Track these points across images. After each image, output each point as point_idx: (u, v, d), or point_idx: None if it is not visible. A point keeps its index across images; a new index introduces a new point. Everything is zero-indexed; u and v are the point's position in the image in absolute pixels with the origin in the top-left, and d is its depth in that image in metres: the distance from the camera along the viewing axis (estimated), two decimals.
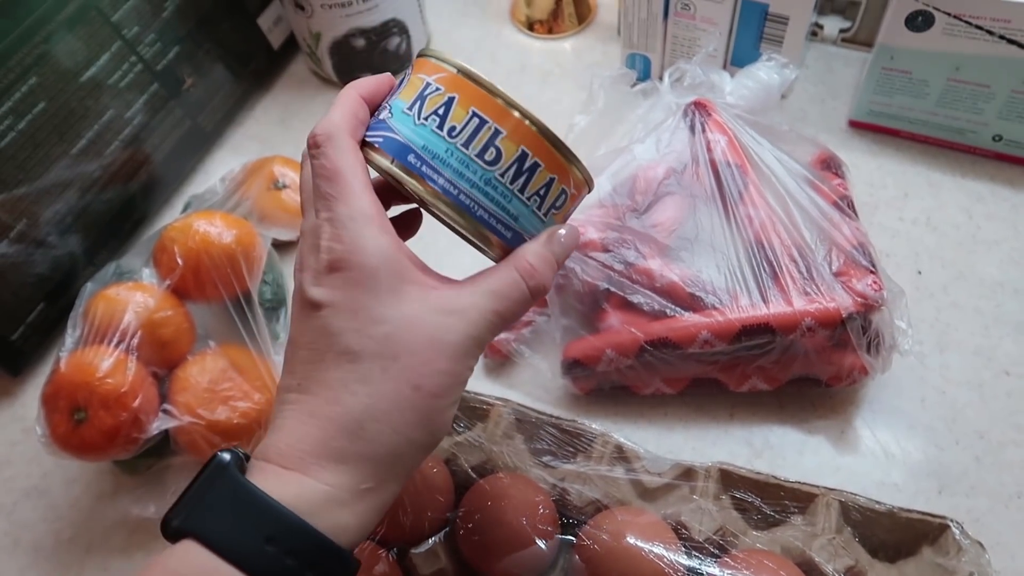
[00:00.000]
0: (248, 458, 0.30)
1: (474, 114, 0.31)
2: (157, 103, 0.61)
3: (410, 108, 0.32)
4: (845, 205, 0.51)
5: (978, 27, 0.52)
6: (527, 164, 0.31)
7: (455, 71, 0.31)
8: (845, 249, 0.48)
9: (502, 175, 0.31)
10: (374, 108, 0.34)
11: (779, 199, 0.50)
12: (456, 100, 0.31)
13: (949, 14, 0.52)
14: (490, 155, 0.31)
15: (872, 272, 0.47)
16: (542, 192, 0.32)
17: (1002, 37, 0.51)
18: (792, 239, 0.48)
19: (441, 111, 0.31)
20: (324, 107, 0.70)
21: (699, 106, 0.53)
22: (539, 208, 0.32)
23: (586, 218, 0.51)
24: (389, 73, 0.35)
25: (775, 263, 0.47)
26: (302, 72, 0.72)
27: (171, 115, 0.62)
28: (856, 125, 0.62)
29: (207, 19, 0.64)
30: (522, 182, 0.31)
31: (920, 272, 0.54)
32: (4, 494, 0.51)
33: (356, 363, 0.29)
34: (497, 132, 0.31)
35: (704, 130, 0.52)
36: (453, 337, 0.30)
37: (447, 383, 0.30)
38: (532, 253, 0.32)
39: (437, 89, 0.31)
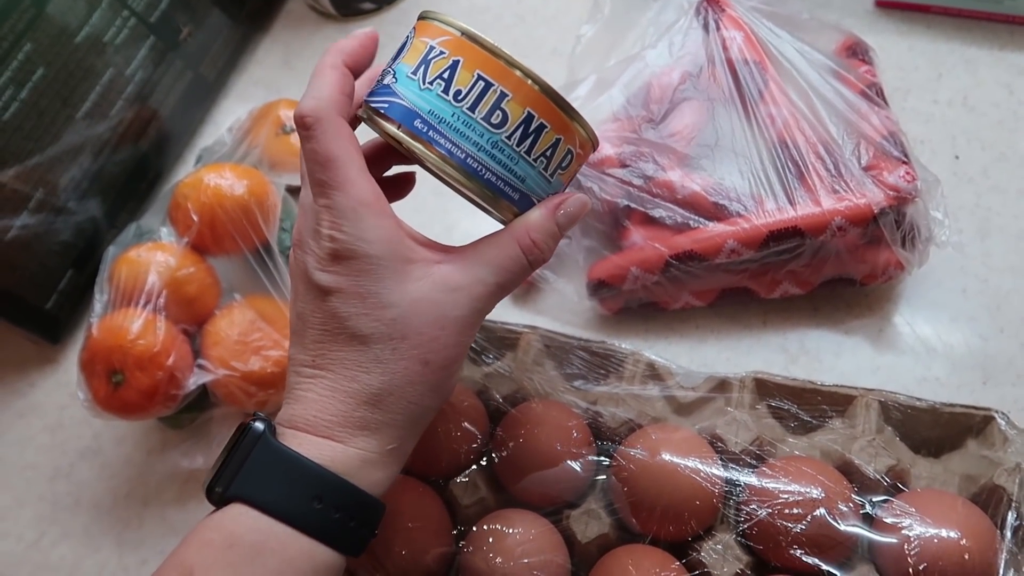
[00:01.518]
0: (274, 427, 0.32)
1: (479, 77, 0.31)
2: (156, 57, 0.60)
3: (414, 72, 0.31)
4: (874, 93, 0.48)
5: None
6: (533, 126, 0.31)
7: (459, 34, 0.31)
8: (875, 140, 0.45)
9: (508, 137, 0.31)
10: (358, 74, 0.33)
11: (802, 94, 0.47)
12: (461, 63, 0.31)
13: None
14: (496, 118, 0.31)
15: (904, 163, 0.44)
16: (548, 153, 0.32)
17: None
18: (818, 135, 0.46)
19: (446, 75, 0.31)
20: (326, 43, 0.67)
21: (712, 2, 0.51)
22: (546, 169, 0.32)
23: (601, 133, 0.49)
24: (372, 29, 0.34)
25: (801, 162, 0.45)
26: (300, 8, 0.70)
27: (172, 67, 0.61)
28: (883, 4, 0.58)
29: None
30: (529, 144, 0.31)
31: (957, 157, 0.52)
32: (60, 456, 0.53)
33: (367, 345, 0.31)
34: (503, 95, 0.31)
35: (719, 27, 0.50)
36: (458, 312, 0.31)
37: (453, 355, 0.32)
38: (535, 228, 0.32)
39: (441, 53, 0.31)
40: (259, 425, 0.31)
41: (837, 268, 0.46)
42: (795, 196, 0.45)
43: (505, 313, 0.52)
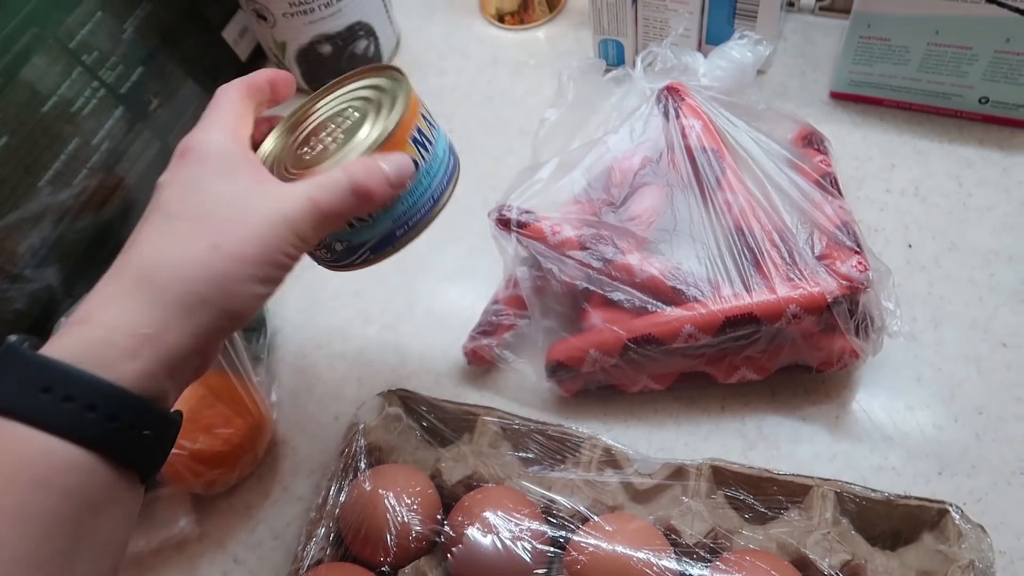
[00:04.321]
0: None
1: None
2: (124, 126, 0.60)
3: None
4: (828, 183, 0.50)
5: None
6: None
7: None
8: (828, 230, 0.46)
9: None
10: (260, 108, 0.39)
11: (758, 183, 0.48)
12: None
13: None
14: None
15: (857, 252, 0.45)
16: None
17: None
18: (773, 223, 0.47)
19: None
20: None
21: (672, 91, 0.52)
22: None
23: (562, 216, 0.50)
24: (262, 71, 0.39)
25: (756, 249, 0.46)
26: None
27: (140, 137, 0.61)
28: (838, 96, 0.60)
29: (170, 37, 0.63)
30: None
31: (910, 245, 0.53)
32: None
33: (169, 222, 0.31)
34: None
35: (678, 115, 0.51)
36: (263, 211, 0.32)
37: (249, 251, 0.31)
38: (360, 160, 0.35)
39: None
40: (12, 337, 0.31)
41: (793, 355, 0.46)
42: (751, 283, 0.45)
43: (463, 393, 0.51)
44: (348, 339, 0.55)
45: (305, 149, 0.38)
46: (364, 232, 0.38)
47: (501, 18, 0.70)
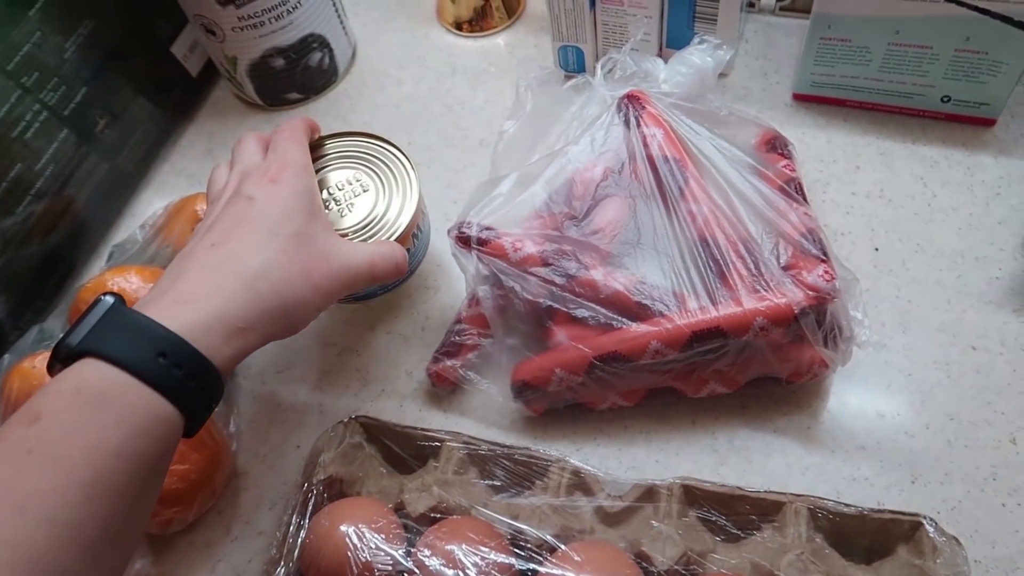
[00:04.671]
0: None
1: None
2: (70, 149, 0.58)
3: None
4: (793, 188, 0.49)
5: None
6: None
7: None
8: (793, 239, 0.46)
9: None
10: None
11: (721, 192, 0.47)
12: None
13: None
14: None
15: (823, 261, 0.44)
16: None
17: None
18: (737, 234, 0.46)
19: None
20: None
21: (632, 99, 0.51)
22: None
23: (523, 231, 0.48)
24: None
25: (721, 261, 0.45)
26: (226, 97, 0.69)
27: (87, 160, 0.59)
28: (800, 98, 0.59)
29: (115, 55, 0.60)
30: None
31: (877, 248, 0.52)
32: None
33: (272, 239, 0.38)
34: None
35: (639, 124, 0.50)
36: (342, 259, 0.40)
37: (325, 286, 0.39)
38: (396, 245, 0.45)
39: None
40: (109, 297, 0.34)
41: (762, 367, 0.45)
42: (717, 295, 0.44)
43: (428, 415, 0.50)
44: (309, 364, 0.53)
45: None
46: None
47: (459, 26, 0.68)
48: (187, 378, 0.33)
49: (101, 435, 0.30)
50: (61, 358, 0.32)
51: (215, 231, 0.39)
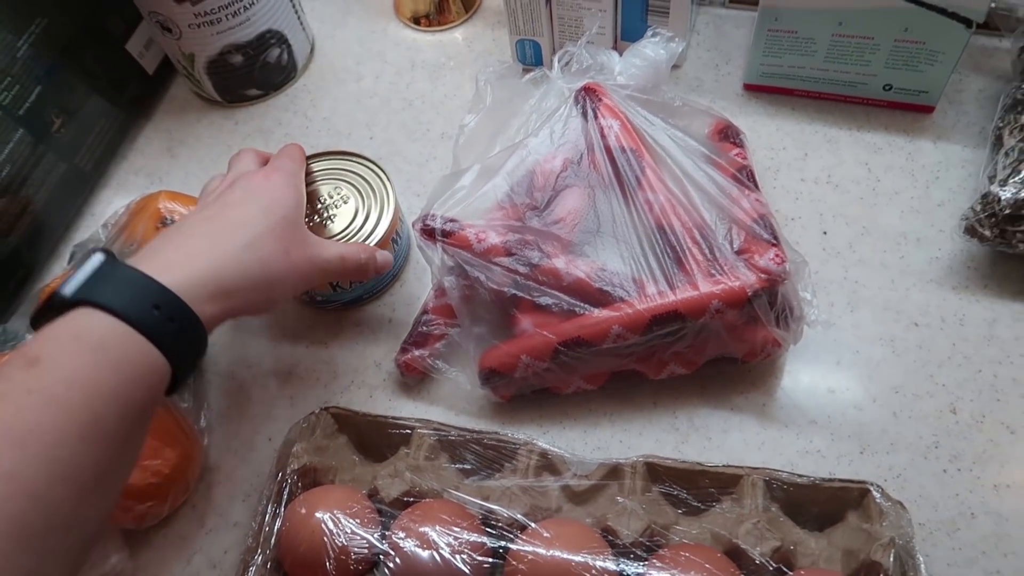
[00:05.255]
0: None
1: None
2: (26, 149, 0.57)
3: None
4: (745, 176, 0.51)
5: None
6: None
7: None
8: (746, 224, 0.48)
9: None
10: None
11: (677, 180, 0.49)
12: None
13: None
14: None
15: (774, 245, 0.46)
16: None
17: None
18: (693, 220, 0.47)
19: None
20: (211, 130, 0.67)
21: (589, 91, 0.52)
22: None
23: (487, 222, 0.50)
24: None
25: (678, 247, 0.47)
26: (184, 94, 0.68)
27: (43, 160, 0.59)
28: (751, 88, 0.62)
29: (69, 53, 0.60)
30: None
31: (825, 232, 0.54)
32: None
33: (263, 217, 0.42)
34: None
35: (596, 116, 0.51)
36: (315, 248, 0.44)
37: (302, 267, 0.43)
38: (367, 247, 0.49)
39: None
40: (100, 253, 0.36)
41: (719, 348, 0.47)
42: (674, 280, 0.46)
43: (399, 405, 0.51)
44: (278, 357, 0.54)
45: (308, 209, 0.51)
46: (343, 294, 0.53)
47: (417, 20, 0.69)
48: (179, 332, 0.35)
49: (99, 380, 0.32)
50: (55, 307, 0.33)
51: (210, 209, 0.42)
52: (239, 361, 0.54)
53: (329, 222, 0.52)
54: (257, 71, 0.65)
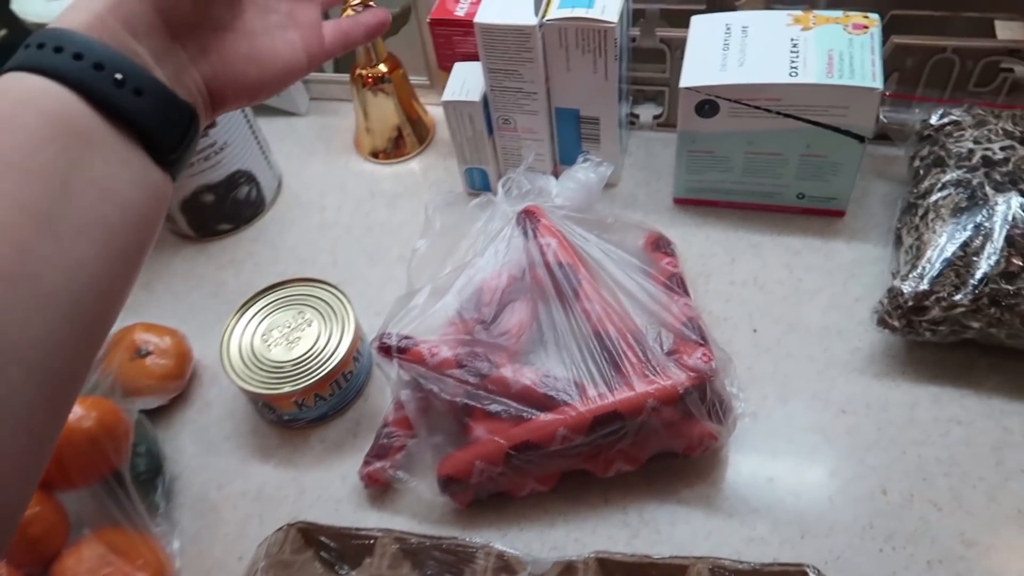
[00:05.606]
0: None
1: None
2: None
3: None
4: (675, 283, 0.56)
5: (756, 107, 0.58)
6: None
7: None
8: (675, 327, 0.52)
9: None
10: None
11: (610, 291, 0.54)
12: None
13: (730, 100, 0.58)
14: None
15: (702, 345, 0.51)
16: None
17: (778, 113, 0.58)
18: (627, 326, 0.52)
19: None
20: (186, 264, 0.71)
21: (528, 213, 0.58)
22: None
23: (439, 338, 0.54)
24: None
25: (614, 351, 0.51)
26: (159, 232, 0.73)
27: None
28: (680, 201, 0.67)
29: None
30: None
31: (755, 330, 0.59)
32: None
33: None
34: None
35: (536, 235, 0.56)
36: None
37: None
38: None
39: None
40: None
41: (660, 444, 0.51)
42: (613, 383, 0.50)
43: (364, 516, 0.53)
44: (248, 477, 0.56)
45: (267, 335, 0.57)
46: (308, 412, 0.57)
47: (376, 154, 0.75)
48: (95, 69, 0.31)
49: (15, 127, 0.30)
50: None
51: None
52: (210, 483, 0.56)
53: (294, 345, 0.56)
54: (228, 207, 0.70)
